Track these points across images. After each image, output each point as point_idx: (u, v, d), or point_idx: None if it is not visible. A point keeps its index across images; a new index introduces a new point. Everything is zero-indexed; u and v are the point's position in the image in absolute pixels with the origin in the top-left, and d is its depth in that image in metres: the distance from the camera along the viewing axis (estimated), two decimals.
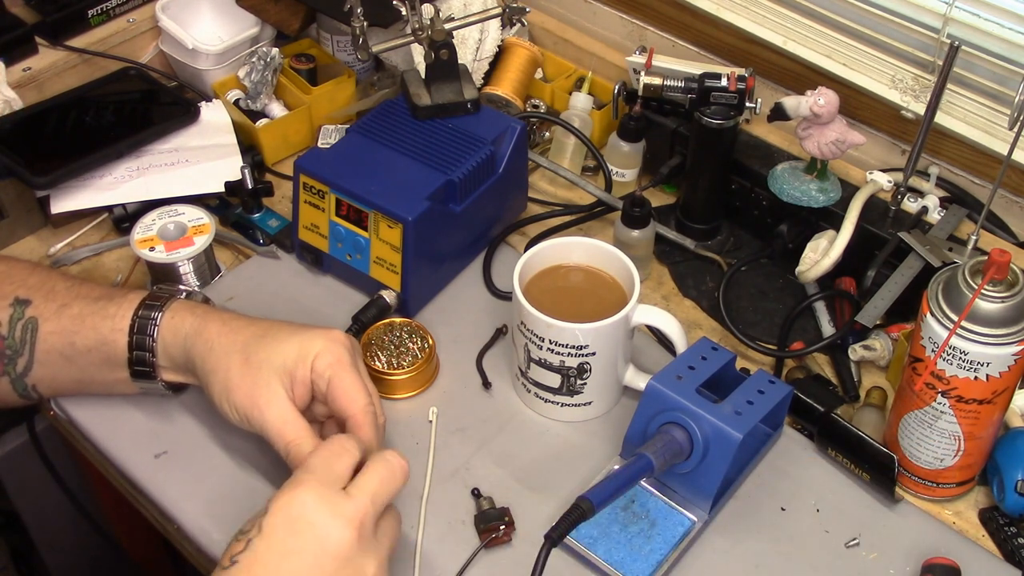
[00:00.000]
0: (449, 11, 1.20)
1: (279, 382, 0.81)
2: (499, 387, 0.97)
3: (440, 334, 1.00)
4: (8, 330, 0.87)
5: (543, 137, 1.23)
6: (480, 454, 0.91)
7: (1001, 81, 1.05)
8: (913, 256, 0.98)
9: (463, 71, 1.08)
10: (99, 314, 0.87)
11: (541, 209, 1.15)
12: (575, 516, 0.74)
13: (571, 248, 0.96)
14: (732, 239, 1.12)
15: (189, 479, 0.89)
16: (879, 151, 1.15)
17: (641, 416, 0.86)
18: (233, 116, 1.20)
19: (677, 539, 0.85)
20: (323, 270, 1.07)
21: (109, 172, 1.11)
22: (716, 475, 0.83)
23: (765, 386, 0.87)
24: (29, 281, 0.89)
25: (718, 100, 1.03)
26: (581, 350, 0.89)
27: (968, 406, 0.82)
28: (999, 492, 0.88)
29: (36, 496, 1.25)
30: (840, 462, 0.91)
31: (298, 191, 1.03)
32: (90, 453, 0.96)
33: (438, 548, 0.85)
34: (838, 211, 1.02)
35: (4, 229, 1.10)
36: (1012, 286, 0.78)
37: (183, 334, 0.85)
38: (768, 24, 1.18)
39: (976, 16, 1.03)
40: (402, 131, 1.05)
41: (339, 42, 1.27)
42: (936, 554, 0.83)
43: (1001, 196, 1.09)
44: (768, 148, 1.11)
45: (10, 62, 1.17)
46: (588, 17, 1.33)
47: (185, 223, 1.03)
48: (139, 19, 1.26)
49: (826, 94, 0.98)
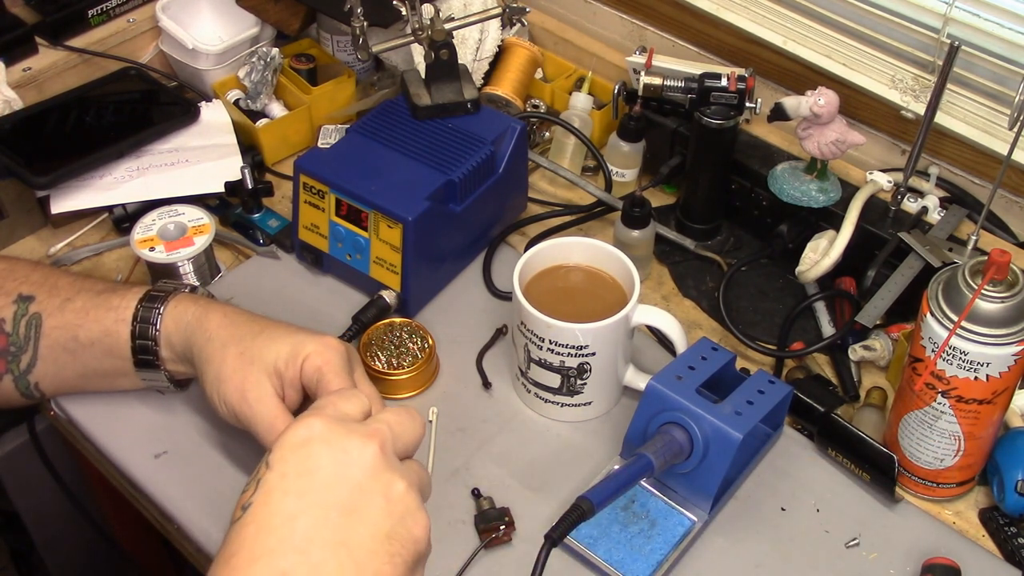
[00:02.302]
0: (449, 11, 1.20)
1: (268, 380, 0.80)
2: (499, 387, 0.97)
3: (440, 334, 1.00)
4: (12, 327, 0.87)
5: (543, 137, 1.23)
6: (480, 454, 0.91)
7: (1001, 81, 1.05)
8: (913, 256, 0.98)
9: (463, 71, 1.08)
10: (103, 306, 0.87)
11: (541, 209, 1.15)
12: (575, 516, 0.73)
13: (571, 248, 0.96)
14: (732, 239, 1.12)
15: (189, 479, 0.89)
16: (879, 151, 1.15)
17: (641, 416, 0.86)
18: (233, 116, 1.20)
19: (677, 539, 0.85)
20: (323, 270, 1.07)
21: (109, 172, 1.11)
22: (716, 475, 0.83)
23: (765, 386, 0.87)
24: (32, 277, 0.89)
25: (718, 100, 1.03)
26: (581, 350, 0.89)
27: (968, 406, 0.82)
28: (999, 492, 0.88)
29: (36, 496, 1.24)
30: (840, 462, 0.91)
31: (298, 191, 1.03)
32: (90, 453, 0.96)
33: (438, 548, 0.84)
34: (838, 211, 1.02)
35: (4, 229, 1.10)
36: (1012, 286, 0.78)
37: (185, 323, 0.85)
38: (768, 24, 1.18)
39: (976, 16, 1.03)
40: (402, 131, 1.05)
41: (339, 42, 1.27)
42: (936, 554, 0.83)
43: (1001, 196, 1.09)
44: (768, 148, 1.11)
45: (10, 62, 1.17)
46: (588, 17, 1.33)
47: (185, 223, 1.03)
48: (139, 19, 1.26)
49: (826, 94, 0.98)
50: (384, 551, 0.61)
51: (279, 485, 0.61)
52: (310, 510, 0.60)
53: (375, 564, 0.61)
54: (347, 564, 0.60)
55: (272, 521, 0.60)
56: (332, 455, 0.62)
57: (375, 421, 0.66)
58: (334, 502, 0.61)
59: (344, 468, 0.62)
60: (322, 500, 0.61)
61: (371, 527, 0.61)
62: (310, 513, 0.60)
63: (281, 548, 0.59)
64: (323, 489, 0.61)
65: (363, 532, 0.61)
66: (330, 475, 0.61)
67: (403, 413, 0.68)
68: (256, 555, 0.59)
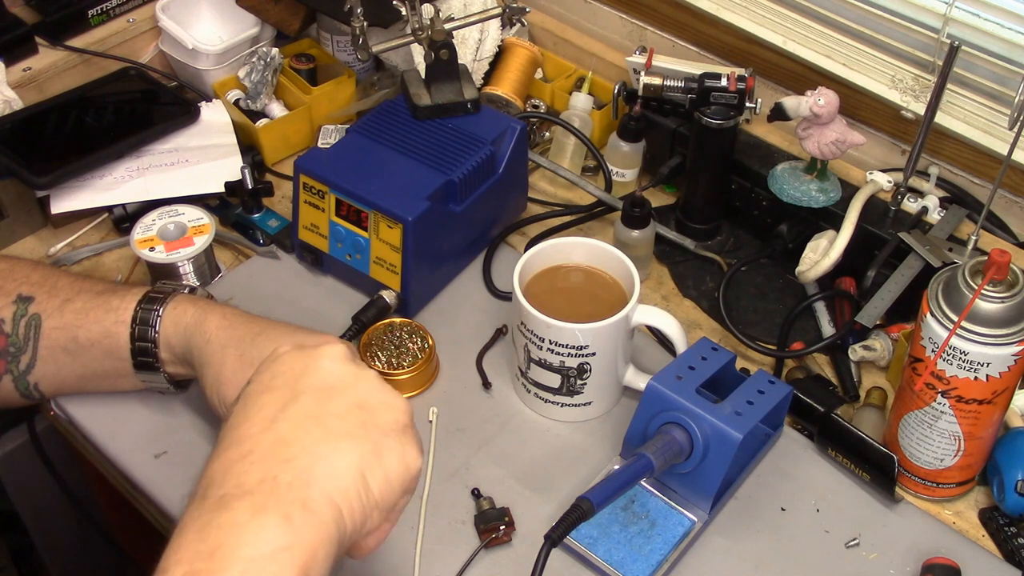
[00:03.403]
0: (449, 11, 1.20)
1: None
2: (499, 387, 0.97)
3: (440, 334, 1.00)
4: (12, 327, 0.87)
5: (543, 137, 1.23)
6: (480, 454, 0.92)
7: (1001, 81, 1.05)
8: (913, 256, 0.98)
9: (463, 71, 1.08)
10: (102, 307, 0.87)
11: (541, 209, 1.15)
12: (575, 516, 0.74)
13: (571, 248, 0.96)
14: (732, 239, 1.12)
15: (189, 479, 0.88)
16: (879, 151, 1.15)
17: (641, 416, 0.86)
18: (233, 116, 1.20)
19: (677, 539, 0.85)
20: (323, 270, 1.07)
21: (109, 172, 1.11)
22: (716, 475, 0.83)
23: (765, 386, 0.87)
24: (32, 278, 0.89)
25: (718, 100, 1.03)
26: (581, 350, 0.89)
27: (968, 406, 0.82)
28: (999, 492, 0.88)
29: (36, 496, 1.24)
30: (840, 462, 0.91)
31: (298, 191, 1.03)
32: (90, 453, 0.96)
33: (438, 548, 0.85)
34: (838, 211, 1.02)
35: (4, 229, 1.10)
36: (1012, 286, 0.78)
37: (184, 325, 0.85)
38: (768, 24, 1.18)
39: (976, 16, 1.03)
40: (402, 131, 1.05)
41: (339, 42, 1.27)
42: (936, 554, 0.83)
43: (1001, 196, 1.09)
44: (768, 148, 1.11)
45: (10, 62, 1.17)
46: (588, 17, 1.33)
47: (185, 223, 1.03)
48: (139, 19, 1.26)
49: (826, 94, 0.98)
50: (355, 418, 0.64)
51: (254, 389, 0.66)
52: (280, 397, 0.65)
53: (345, 428, 0.63)
54: (314, 431, 0.63)
55: (245, 416, 0.64)
56: (304, 357, 0.67)
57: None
58: (305, 387, 0.65)
59: (315, 361, 0.67)
60: (293, 387, 0.65)
61: (341, 399, 0.65)
62: (279, 399, 0.64)
63: (249, 432, 0.63)
64: (295, 379, 0.66)
65: (333, 406, 0.65)
66: (301, 367, 0.66)
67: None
68: (224, 447, 0.63)
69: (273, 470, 0.60)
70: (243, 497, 0.59)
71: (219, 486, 0.60)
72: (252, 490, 0.59)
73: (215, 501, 0.59)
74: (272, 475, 0.60)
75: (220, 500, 0.59)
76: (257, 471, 0.60)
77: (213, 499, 0.59)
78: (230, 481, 0.60)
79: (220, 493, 0.59)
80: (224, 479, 0.60)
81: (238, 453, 0.61)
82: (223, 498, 0.59)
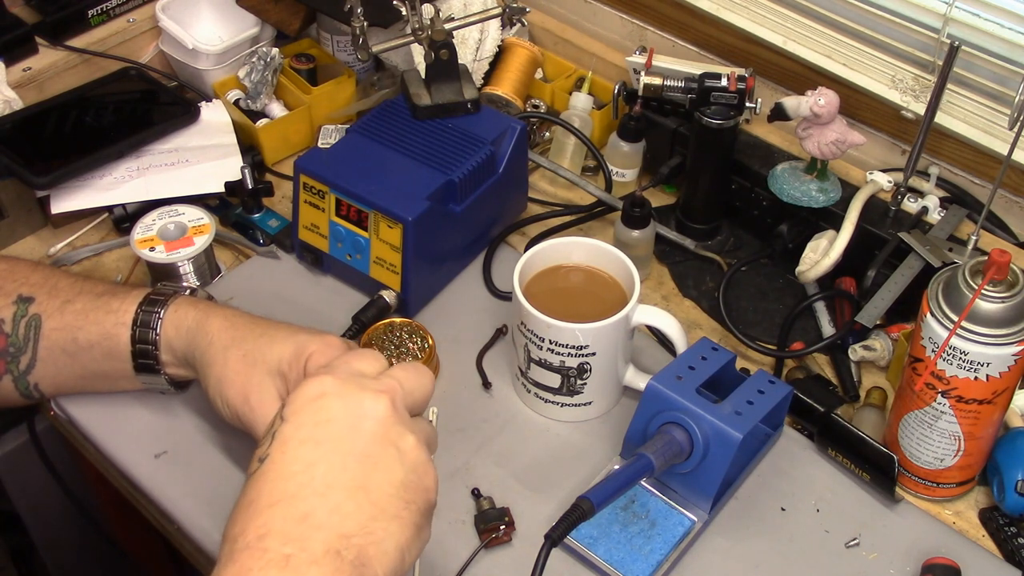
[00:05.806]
0: (449, 11, 1.20)
1: (272, 383, 0.81)
2: (499, 387, 0.97)
3: (440, 334, 1.00)
4: (12, 328, 0.87)
5: (543, 137, 1.23)
6: (480, 454, 0.92)
7: (1001, 81, 1.05)
8: (913, 256, 0.98)
9: (463, 71, 1.08)
10: (102, 309, 0.87)
11: (541, 209, 1.15)
12: (575, 516, 0.73)
13: (571, 248, 0.96)
14: (732, 239, 1.12)
15: (189, 479, 0.89)
16: (879, 151, 1.15)
17: (641, 416, 0.86)
18: (233, 116, 1.20)
19: (677, 539, 0.85)
20: (323, 270, 1.07)
21: (109, 172, 1.11)
22: (716, 475, 0.83)
23: (765, 386, 0.87)
24: (32, 278, 0.89)
25: (718, 100, 1.03)
26: (581, 350, 0.89)
27: (968, 406, 0.82)
28: (999, 492, 0.88)
29: (36, 496, 1.24)
30: (840, 462, 0.91)
31: (298, 191, 1.03)
32: (90, 453, 0.96)
33: (438, 548, 0.85)
34: (838, 211, 1.02)
35: (4, 229, 1.10)
36: (1012, 286, 0.78)
37: (185, 327, 0.85)
38: (768, 24, 1.18)
39: (976, 16, 1.03)
40: (402, 131, 1.05)
41: (339, 42, 1.27)
42: (936, 554, 0.83)
43: (1001, 196, 1.09)
44: (768, 148, 1.11)
45: (10, 62, 1.17)
46: (588, 17, 1.33)
47: (185, 223, 1.03)
48: (139, 19, 1.26)
49: (826, 94, 0.98)
50: (400, 497, 0.63)
51: (295, 435, 0.62)
52: (328, 457, 0.62)
53: (393, 508, 0.62)
54: (366, 507, 0.61)
55: (291, 468, 0.62)
56: (346, 407, 0.64)
57: (386, 377, 0.67)
58: (350, 450, 0.62)
59: (358, 420, 0.63)
60: (339, 448, 0.62)
61: (387, 474, 0.63)
62: (328, 460, 0.62)
63: (301, 492, 0.60)
64: (339, 438, 0.62)
65: (380, 478, 0.62)
66: (345, 426, 0.63)
67: (412, 369, 0.69)
68: (275, 499, 0.60)
69: (335, 544, 0.59)
70: (311, 565, 0.58)
71: (281, 542, 0.59)
72: (319, 561, 0.58)
73: (280, 557, 0.58)
74: (335, 549, 0.59)
75: (286, 560, 0.58)
76: (321, 539, 0.59)
77: (276, 554, 0.58)
78: (294, 543, 0.59)
79: (285, 552, 0.58)
80: (285, 536, 0.59)
81: (297, 512, 0.60)
82: (289, 558, 0.58)
